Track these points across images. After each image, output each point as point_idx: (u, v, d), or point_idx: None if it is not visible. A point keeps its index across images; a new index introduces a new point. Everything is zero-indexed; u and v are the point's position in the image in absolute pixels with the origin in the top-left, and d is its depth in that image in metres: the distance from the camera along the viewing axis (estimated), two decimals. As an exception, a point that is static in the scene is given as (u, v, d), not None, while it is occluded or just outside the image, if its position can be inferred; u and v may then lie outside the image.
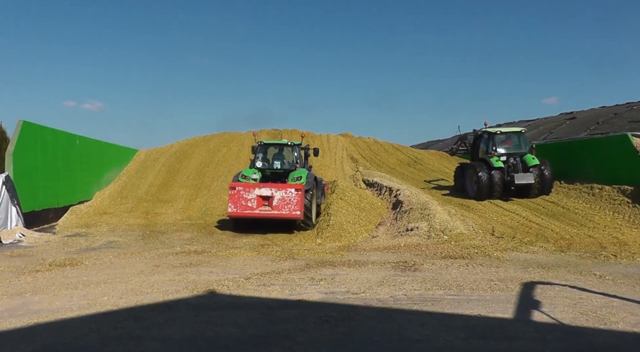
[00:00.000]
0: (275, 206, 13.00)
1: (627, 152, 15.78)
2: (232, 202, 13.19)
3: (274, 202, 13.02)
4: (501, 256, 9.84)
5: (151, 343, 4.93)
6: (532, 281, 7.67)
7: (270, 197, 13.07)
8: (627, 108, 25.28)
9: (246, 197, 13.13)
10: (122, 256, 9.97)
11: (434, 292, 7.00)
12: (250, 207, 13.08)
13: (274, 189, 13.15)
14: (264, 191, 13.16)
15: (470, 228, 12.60)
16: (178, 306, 6.27)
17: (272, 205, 13.04)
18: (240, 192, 13.18)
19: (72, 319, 5.71)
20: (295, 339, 5.04)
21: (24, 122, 14.63)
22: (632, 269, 8.72)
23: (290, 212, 12.97)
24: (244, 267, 8.83)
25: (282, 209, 12.96)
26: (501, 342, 4.98)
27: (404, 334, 5.23)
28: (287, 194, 13.00)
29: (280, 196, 13.00)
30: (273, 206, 13.02)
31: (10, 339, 5.08)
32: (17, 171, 13.86)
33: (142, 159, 25.50)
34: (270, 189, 13.19)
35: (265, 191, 13.16)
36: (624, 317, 5.83)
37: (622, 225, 13.15)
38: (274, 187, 13.26)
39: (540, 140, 25.29)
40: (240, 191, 13.19)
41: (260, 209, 13.13)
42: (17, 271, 8.41)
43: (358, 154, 28.39)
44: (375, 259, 9.68)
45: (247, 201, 13.10)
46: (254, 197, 13.11)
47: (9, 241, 12.23)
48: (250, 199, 13.11)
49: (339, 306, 6.28)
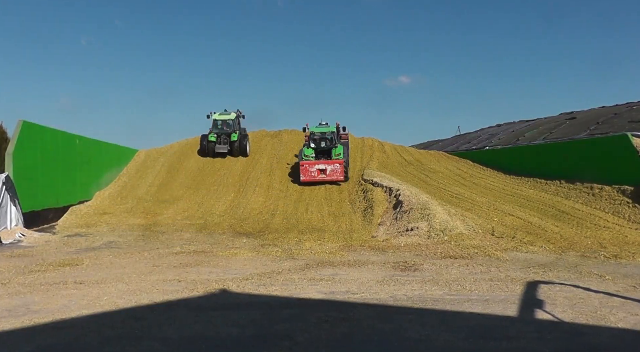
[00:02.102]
0: (329, 174, 20.97)
1: (627, 152, 15.77)
2: (302, 173, 21.00)
3: (327, 172, 20.99)
4: (501, 256, 9.84)
5: (151, 343, 4.92)
6: (532, 281, 7.67)
7: (325, 169, 20.99)
8: (627, 108, 25.27)
9: (310, 170, 20.97)
10: (121, 256, 9.96)
11: (434, 292, 7.00)
12: (313, 176, 20.97)
13: (326, 164, 21.10)
14: (321, 166, 21.06)
15: (470, 228, 12.58)
16: (178, 306, 6.26)
17: (326, 173, 20.99)
18: (307, 167, 21.02)
19: (72, 319, 5.70)
20: (295, 339, 5.03)
21: (24, 122, 14.63)
22: (632, 269, 8.71)
23: (337, 177, 21.02)
24: (244, 267, 8.82)
25: (333, 176, 20.99)
26: (501, 342, 4.98)
27: (404, 334, 5.22)
28: (335, 166, 21.03)
29: (330, 168, 21.01)
30: (327, 174, 20.97)
31: (10, 339, 5.08)
32: (17, 171, 13.85)
33: (142, 159, 25.48)
34: (324, 164, 21.10)
35: (321, 166, 21.07)
36: (624, 317, 5.83)
37: (622, 225, 13.14)
38: (326, 163, 21.16)
39: (540, 140, 25.28)
40: (307, 166, 21.03)
41: (320, 176, 20.96)
42: (17, 271, 8.41)
43: (359, 154, 28.36)
44: (375, 259, 9.67)
45: (311, 173, 20.98)
46: (315, 170, 21.00)
47: (9, 241, 12.23)
48: (313, 171, 20.99)
49: (339, 306, 6.28)
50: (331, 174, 20.88)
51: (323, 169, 20.92)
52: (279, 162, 25.11)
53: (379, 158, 27.45)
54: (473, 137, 38.77)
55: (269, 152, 26.95)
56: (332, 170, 20.91)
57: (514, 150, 25.20)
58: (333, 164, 21.00)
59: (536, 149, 22.82)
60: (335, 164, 21.03)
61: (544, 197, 17.21)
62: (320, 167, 20.96)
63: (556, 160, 19.82)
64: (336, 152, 21.93)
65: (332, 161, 21.21)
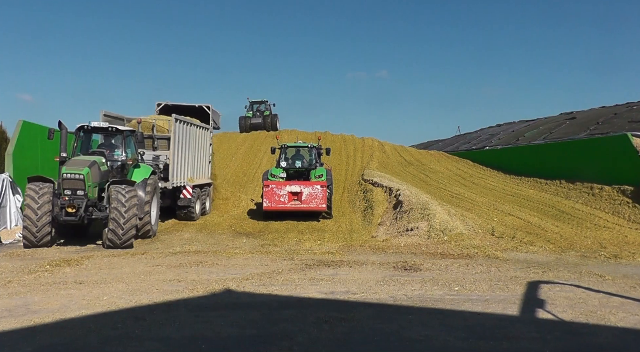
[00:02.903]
0: (304, 200, 15.14)
1: (627, 152, 15.78)
2: (267, 198, 15.28)
3: (303, 197, 15.14)
4: (501, 256, 9.84)
5: (151, 343, 4.92)
6: (532, 281, 7.67)
7: (300, 192, 15.16)
8: (627, 108, 25.27)
9: (279, 193, 15.21)
10: (121, 256, 9.96)
11: (434, 292, 7.00)
12: (282, 201, 15.20)
13: (302, 186, 15.29)
14: (294, 188, 15.25)
15: (470, 228, 12.58)
16: (178, 306, 6.26)
17: (301, 199, 15.17)
18: (273, 189, 15.27)
19: (72, 319, 5.70)
20: (295, 339, 5.03)
21: (24, 122, 14.61)
22: (632, 269, 8.72)
23: (317, 205, 15.16)
24: (244, 267, 8.82)
25: (310, 203, 15.13)
26: (501, 342, 4.98)
27: (404, 334, 5.22)
28: (314, 190, 15.16)
29: (308, 191, 15.15)
30: (302, 200, 15.15)
31: (10, 339, 5.08)
32: (17, 171, 13.84)
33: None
34: (299, 186, 15.31)
35: (295, 187, 15.27)
36: (624, 316, 5.83)
37: (622, 225, 13.14)
38: (302, 184, 15.43)
39: (540, 140, 25.29)
40: (273, 188, 15.28)
41: (291, 203, 15.24)
42: (17, 271, 8.40)
43: (359, 154, 28.38)
44: (375, 259, 9.67)
45: (279, 197, 15.20)
46: (286, 193, 15.20)
47: (9, 241, 12.22)
48: (282, 195, 15.21)
49: (339, 306, 6.28)
50: (308, 200, 15.06)
51: (297, 193, 15.16)
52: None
53: (379, 158, 27.45)
54: (473, 137, 38.77)
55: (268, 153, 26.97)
56: (311, 194, 15.07)
57: (514, 150, 25.21)
58: (312, 186, 15.23)
59: (536, 149, 22.83)
60: (316, 186, 15.18)
61: (544, 197, 17.23)
62: (294, 190, 15.18)
63: (556, 160, 19.83)
64: (317, 173, 16.42)
65: (311, 183, 15.52)
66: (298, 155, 17.22)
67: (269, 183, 15.56)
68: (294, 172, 16.82)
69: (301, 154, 17.24)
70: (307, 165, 16.89)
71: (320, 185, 15.25)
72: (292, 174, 16.78)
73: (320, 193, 15.11)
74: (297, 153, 17.28)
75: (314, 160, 16.96)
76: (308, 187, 15.24)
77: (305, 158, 17.11)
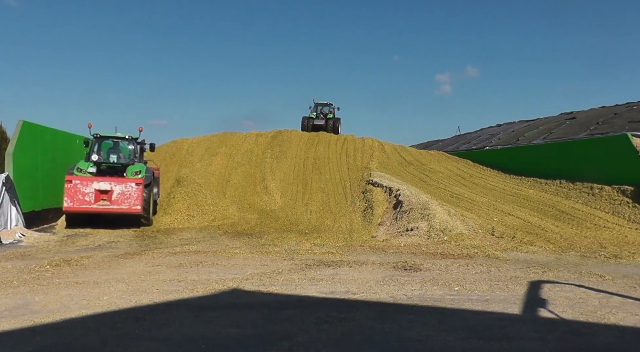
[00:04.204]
0: (115, 200, 12.93)
1: (627, 152, 15.78)
2: (68, 196, 12.87)
3: (113, 197, 12.97)
4: (501, 256, 9.84)
5: (151, 343, 4.92)
6: (532, 281, 7.67)
7: (110, 191, 13.02)
8: (627, 108, 25.27)
9: (83, 191, 12.86)
10: (121, 256, 9.96)
11: (433, 292, 7.00)
12: (87, 201, 12.83)
13: (114, 183, 13.15)
14: (103, 185, 13.03)
15: (470, 228, 12.59)
16: (178, 306, 6.26)
17: (111, 199, 12.97)
18: (77, 186, 12.94)
19: (72, 319, 5.70)
20: (295, 339, 5.03)
21: (24, 122, 14.61)
22: (632, 269, 8.72)
23: (130, 206, 12.97)
24: (244, 267, 8.82)
25: (122, 204, 12.92)
26: (501, 342, 4.98)
27: (404, 334, 5.22)
28: (127, 188, 13.03)
29: (120, 190, 13.00)
30: (112, 200, 12.95)
31: (10, 339, 5.08)
32: (17, 171, 13.84)
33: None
34: (110, 182, 13.17)
35: (104, 184, 13.05)
36: (624, 316, 5.83)
37: (622, 225, 13.14)
38: (113, 180, 13.24)
39: (540, 140, 25.28)
40: (77, 185, 12.94)
41: (98, 203, 12.94)
42: (17, 271, 8.40)
43: (359, 154, 28.37)
44: (375, 259, 9.67)
45: (84, 195, 12.83)
46: (92, 191, 12.92)
47: (9, 241, 12.22)
48: (87, 193, 12.86)
49: (339, 306, 6.28)
50: (119, 201, 13.03)
51: (107, 191, 13.04)
52: (278, 162, 25.11)
53: (379, 158, 27.42)
54: (473, 137, 38.75)
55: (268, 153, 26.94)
56: (123, 193, 13.04)
57: (514, 150, 25.19)
58: (125, 183, 13.15)
59: (536, 149, 22.82)
60: (130, 184, 13.15)
61: (544, 197, 17.22)
62: (102, 187, 13.05)
63: (556, 160, 19.82)
64: (133, 170, 14.07)
65: (125, 179, 13.38)
66: (115, 149, 14.82)
67: (72, 178, 13.10)
68: (107, 167, 14.26)
69: (119, 147, 14.87)
70: (124, 160, 14.50)
71: (135, 182, 13.15)
72: (104, 170, 14.19)
73: (135, 193, 13.00)
74: (116, 146, 14.88)
75: (134, 155, 14.74)
76: (120, 184, 13.10)
77: (122, 152, 14.76)
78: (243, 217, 16.65)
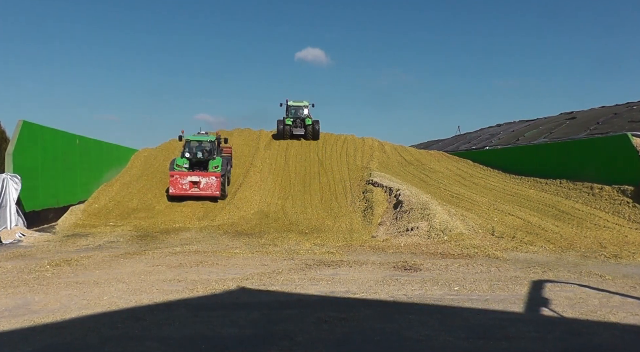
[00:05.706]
0: (202, 188, 18.65)
1: (627, 152, 15.78)
2: (172, 186, 18.67)
3: (201, 186, 18.64)
4: (501, 256, 9.84)
5: (151, 343, 4.92)
6: (532, 281, 7.67)
7: (198, 182, 18.67)
8: (627, 108, 25.27)
9: (182, 182, 18.64)
10: (121, 256, 9.96)
11: (434, 292, 6.99)
12: (185, 189, 18.66)
13: (201, 176, 18.73)
14: (194, 178, 18.70)
15: (470, 228, 12.58)
16: (178, 306, 6.26)
17: (200, 187, 18.66)
18: (177, 179, 18.66)
19: (72, 319, 5.70)
20: (295, 339, 5.03)
21: (24, 122, 14.61)
22: (632, 269, 8.72)
23: (212, 192, 18.66)
24: (244, 267, 8.82)
25: (207, 190, 18.66)
26: (501, 342, 4.98)
27: (404, 334, 5.22)
28: (210, 180, 18.68)
29: (205, 181, 18.68)
30: (200, 188, 18.65)
31: (10, 339, 5.08)
32: (17, 171, 13.84)
33: (142, 159, 25.48)
34: (198, 176, 18.73)
35: (195, 177, 18.72)
36: (624, 316, 5.83)
37: (622, 225, 13.14)
38: (200, 175, 18.80)
39: (540, 140, 25.29)
40: (177, 178, 18.67)
41: (192, 190, 18.68)
42: (17, 271, 8.40)
43: (359, 154, 28.37)
44: (375, 259, 9.67)
45: (182, 185, 18.65)
46: (187, 182, 18.66)
47: (9, 241, 12.22)
48: (184, 183, 18.64)
49: (339, 306, 6.28)
50: (205, 188, 18.54)
51: (196, 182, 18.58)
52: (276, 162, 25.11)
53: (379, 158, 27.43)
54: (473, 137, 38.77)
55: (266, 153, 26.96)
56: (207, 183, 18.55)
57: (514, 150, 25.20)
58: (208, 176, 18.66)
59: (536, 149, 22.82)
60: (211, 176, 18.67)
61: (544, 197, 17.22)
62: (194, 180, 18.60)
63: (556, 160, 19.82)
64: (213, 164, 19.59)
65: (208, 173, 18.86)
66: (200, 147, 20.14)
67: (175, 173, 18.82)
68: (196, 161, 19.92)
69: (202, 146, 20.17)
70: (207, 155, 20.00)
71: (214, 176, 18.71)
72: (194, 163, 19.92)
73: (215, 183, 18.64)
74: (200, 144, 20.20)
75: (213, 151, 20.11)
76: (205, 177, 18.70)
77: (205, 150, 20.06)
78: (243, 217, 16.67)
